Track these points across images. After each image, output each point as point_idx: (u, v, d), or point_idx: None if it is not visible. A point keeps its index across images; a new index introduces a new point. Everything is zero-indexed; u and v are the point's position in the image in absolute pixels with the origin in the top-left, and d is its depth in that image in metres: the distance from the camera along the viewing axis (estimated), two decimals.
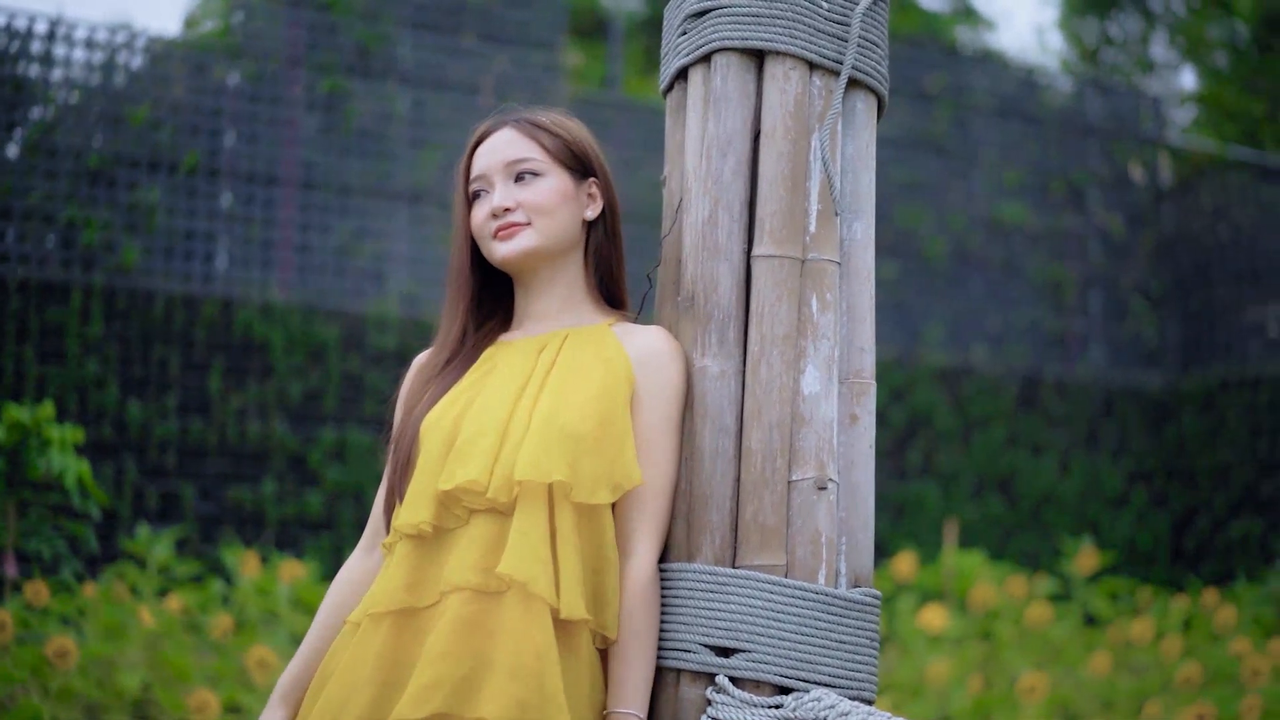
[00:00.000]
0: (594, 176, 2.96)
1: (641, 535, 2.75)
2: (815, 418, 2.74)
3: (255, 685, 6.78)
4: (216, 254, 10.25)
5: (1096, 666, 8.35)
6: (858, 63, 2.86)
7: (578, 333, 2.89)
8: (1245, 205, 13.47)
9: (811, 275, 2.79)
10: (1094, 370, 13.14)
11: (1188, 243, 13.72)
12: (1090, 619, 10.45)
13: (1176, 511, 12.84)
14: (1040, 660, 8.77)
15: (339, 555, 9.74)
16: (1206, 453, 12.71)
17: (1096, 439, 12.91)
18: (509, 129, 2.93)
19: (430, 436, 2.79)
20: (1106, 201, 13.52)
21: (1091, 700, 8.10)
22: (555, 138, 2.92)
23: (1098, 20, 19.39)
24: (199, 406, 9.77)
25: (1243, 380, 12.62)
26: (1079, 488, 12.59)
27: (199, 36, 10.90)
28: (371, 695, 2.66)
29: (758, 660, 2.66)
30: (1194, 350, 13.51)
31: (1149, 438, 13.08)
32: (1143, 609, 10.48)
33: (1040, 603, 9.35)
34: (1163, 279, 13.62)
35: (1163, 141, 14.12)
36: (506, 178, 2.90)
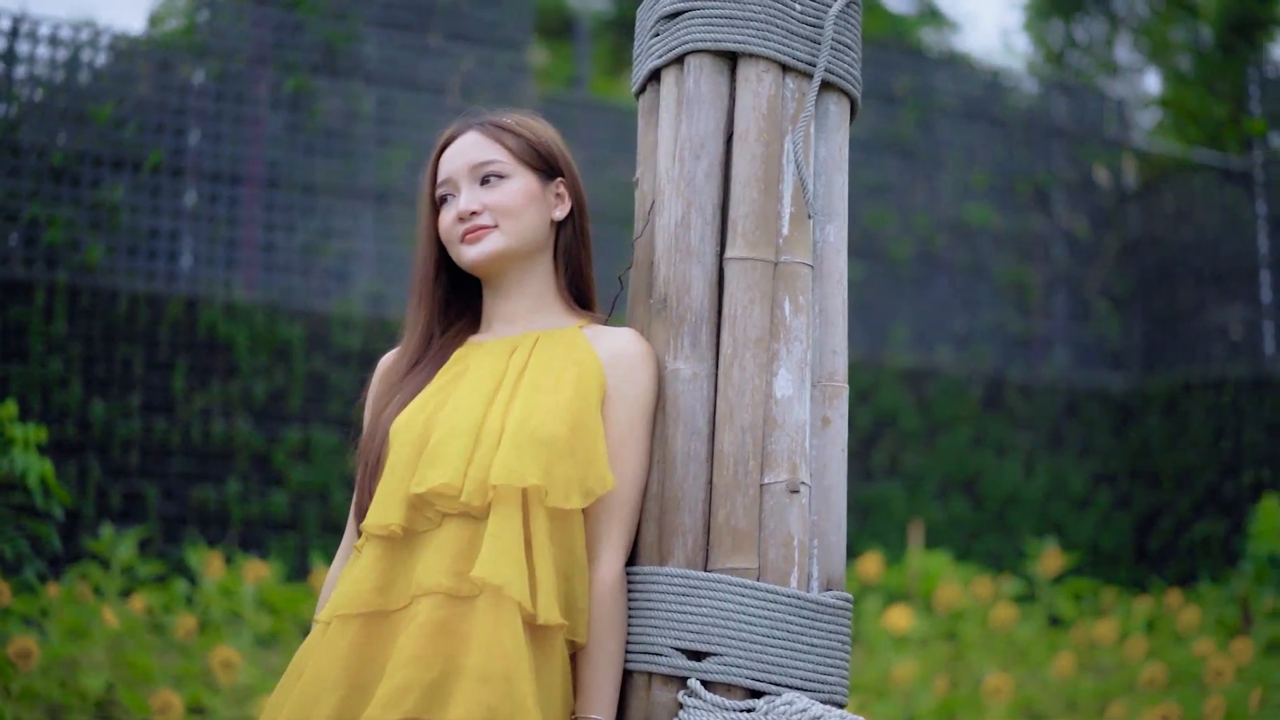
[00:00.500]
0: (561, 176, 2.95)
1: (609, 539, 2.75)
2: (788, 421, 2.74)
3: (219, 686, 6.76)
4: (181, 253, 10.20)
5: (1061, 667, 8.38)
6: (831, 65, 2.86)
7: (549, 335, 2.88)
8: (1209, 208, 13.53)
9: (784, 278, 2.79)
10: (1058, 372, 13.18)
11: (1152, 245, 13.77)
12: (1054, 620, 10.49)
13: (1140, 513, 12.89)
14: (1005, 661, 8.80)
15: (304, 555, 9.71)
16: (1170, 454, 12.76)
17: (1061, 440, 12.96)
18: (474, 132, 2.93)
19: (400, 439, 2.77)
20: (1071, 204, 13.57)
21: (1056, 701, 8.12)
22: (520, 139, 2.91)
23: (1062, 23, 19.45)
24: (163, 406, 9.72)
25: (1206, 382, 12.67)
26: (1043, 489, 12.63)
27: (164, 34, 10.84)
28: (340, 697, 2.64)
29: (729, 664, 2.66)
30: (1158, 352, 13.57)
31: (1113, 439, 13.13)
32: (1107, 610, 10.53)
33: (1005, 604, 9.38)
34: (1127, 281, 13.68)
35: (1127, 144, 14.17)
36: (472, 181, 2.89)
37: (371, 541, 2.75)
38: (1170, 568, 12.38)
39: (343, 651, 2.68)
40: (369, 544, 2.76)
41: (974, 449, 12.52)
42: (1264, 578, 10.04)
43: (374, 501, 2.76)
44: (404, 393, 2.89)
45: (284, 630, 8.03)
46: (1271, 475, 11.85)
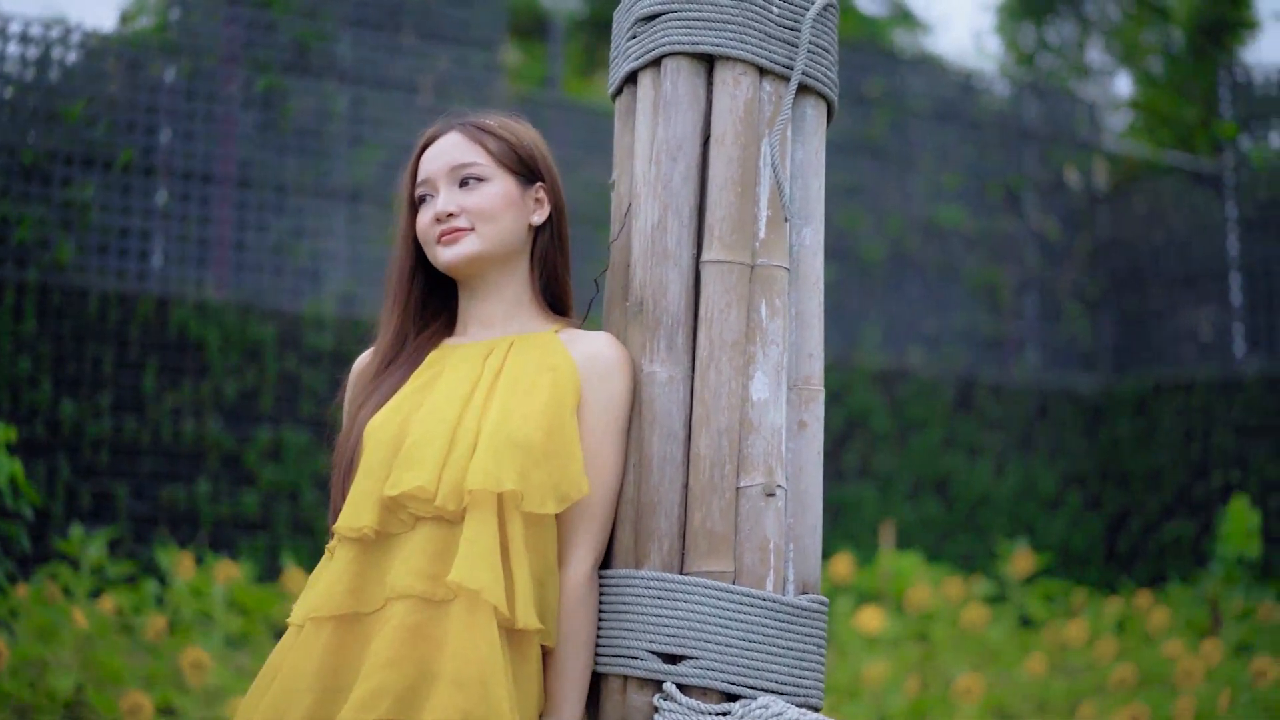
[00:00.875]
0: (541, 181, 2.94)
1: (580, 543, 2.75)
2: (764, 424, 2.74)
3: (189, 687, 6.73)
4: (152, 252, 10.16)
5: (1032, 668, 8.41)
6: (808, 68, 2.85)
7: (524, 339, 2.87)
8: (1179, 210, 13.59)
9: (761, 281, 2.79)
10: (1029, 373, 13.22)
11: (1122, 247, 13.83)
12: (1025, 621, 10.52)
13: (1110, 514, 12.94)
14: (976, 662, 8.82)
15: (274, 556, 9.68)
16: (1140, 455, 12.81)
17: (1031, 441, 12.99)
18: (455, 133, 2.92)
19: (375, 440, 2.76)
20: (1042, 205, 13.62)
21: (1027, 702, 8.15)
22: (501, 142, 2.90)
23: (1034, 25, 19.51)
24: (133, 405, 9.68)
25: (1176, 384, 12.72)
26: (1014, 490, 12.66)
27: (135, 32, 10.79)
28: (314, 700, 2.64)
29: (705, 667, 2.65)
30: (1128, 354, 13.62)
31: (1083, 440, 13.17)
32: (1077, 611, 10.56)
33: (976, 604, 9.41)
34: (1098, 283, 13.73)
35: (1098, 146, 14.23)
36: (451, 182, 2.88)
37: (344, 544, 2.74)
38: (1140, 569, 12.43)
39: (316, 654, 2.67)
40: (341, 546, 2.74)
41: (945, 450, 12.55)
42: (1233, 579, 10.08)
43: (347, 503, 2.74)
44: (379, 394, 2.87)
45: (254, 631, 8.01)
46: (1241, 477, 11.91)
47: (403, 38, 11.15)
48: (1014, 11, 19.49)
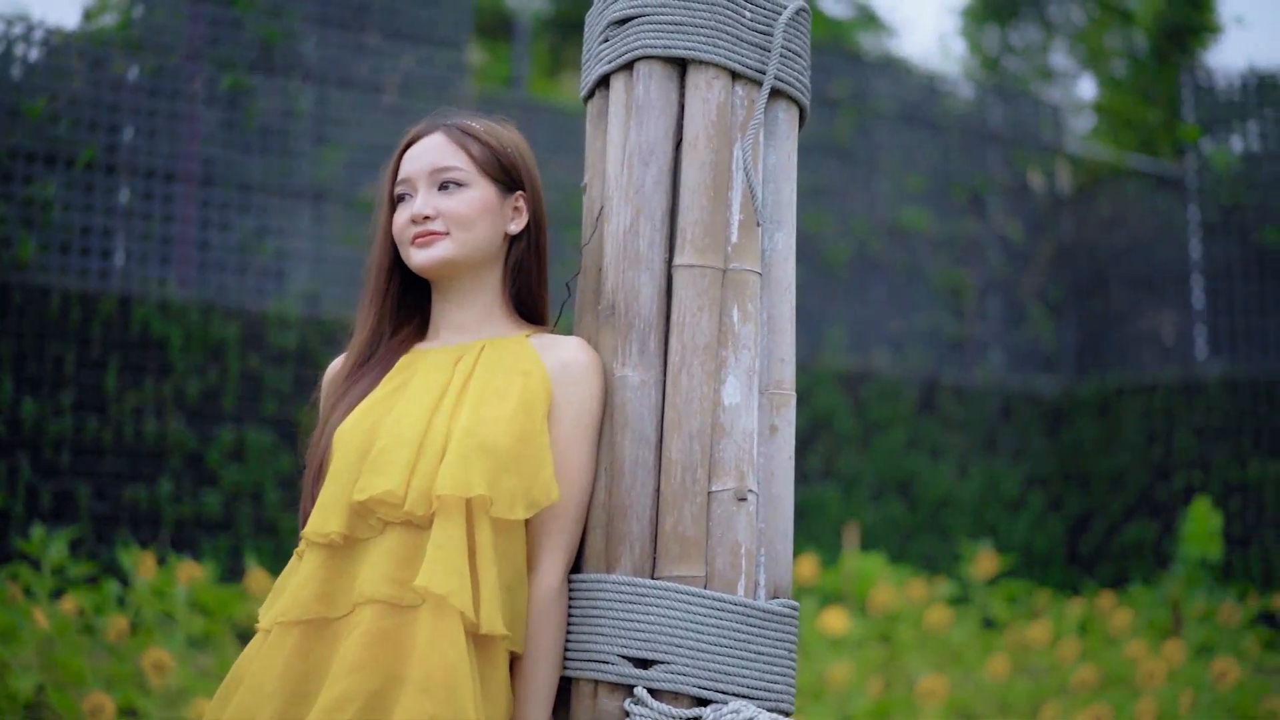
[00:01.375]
0: (521, 190, 2.93)
1: (551, 549, 2.74)
2: (735, 428, 2.73)
3: (151, 688, 6.70)
4: (114, 250, 10.09)
5: (995, 669, 8.43)
6: (780, 73, 2.85)
7: (495, 344, 2.86)
8: (1142, 213, 13.66)
9: (733, 285, 2.78)
10: (992, 375, 13.27)
11: (1085, 250, 13.89)
12: (988, 622, 10.54)
13: (1072, 515, 12.99)
14: (939, 663, 8.84)
15: (237, 556, 9.64)
16: (1102, 457, 12.87)
17: (994, 443, 13.04)
18: (440, 134, 2.90)
19: (344, 445, 2.75)
20: (1006, 208, 13.67)
21: (989, 703, 8.17)
22: (485, 148, 2.88)
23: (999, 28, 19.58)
24: (95, 404, 9.62)
25: (1138, 386, 12.78)
26: (977, 491, 12.70)
27: (98, 29, 10.72)
28: (280, 705, 2.63)
29: (676, 672, 2.65)
30: (1090, 356, 13.69)
31: (1046, 442, 13.23)
32: (1040, 612, 10.60)
33: (940, 606, 9.43)
34: (1061, 285, 13.78)
35: (1062, 149, 14.28)
36: (430, 185, 2.86)
37: (312, 549, 2.73)
38: (1102, 570, 12.49)
39: (283, 659, 2.66)
40: (309, 551, 2.73)
41: (909, 451, 12.59)
42: (1195, 581, 10.13)
43: (315, 508, 2.73)
44: (349, 399, 2.86)
45: (217, 632, 7.97)
46: (1202, 479, 11.97)
47: (368, 37, 11.11)
48: (978, 15, 19.55)
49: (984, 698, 8.22)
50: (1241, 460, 11.86)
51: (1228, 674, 7.78)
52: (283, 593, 2.76)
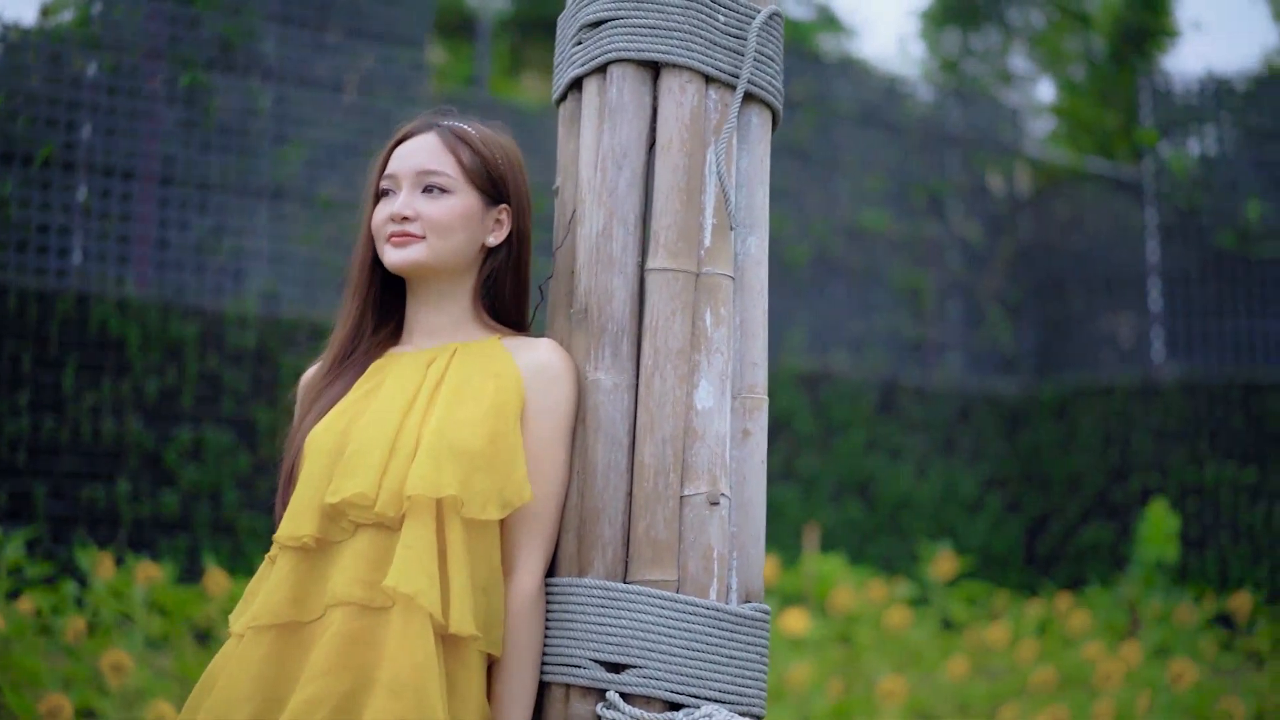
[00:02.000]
0: (506, 203, 2.91)
1: (528, 552, 2.74)
2: (708, 432, 2.73)
3: (109, 689, 6.65)
4: (72, 249, 10.02)
5: (954, 670, 8.46)
6: (753, 77, 2.85)
7: (467, 347, 2.85)
8: (1100, 216, 13.73)
9: (706, 289, 2.78)
10: (951, 376, 13.31)
11: (1044, 252, 13.95)
12: (947, 623, 10.58)
13: (1030, 517, 13.05)
14: (899, 664, 8.86)
15: (194, 556, 9.59)
16: (1060, 459, 12.93)
17: (953, 445, 13.08)
18: (434, 135, 2.88)
19: (315, 449, 2.75)
20: (965, 210, 13.72)
21: (948, 704, 8.20)
22: (476, 156, 2.86)
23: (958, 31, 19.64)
24: (52, 404, 9.56)
25: (1095, 389, 12.85)
26: (936, 493, 12.74)
27: (56, 26, 10.64)
28: (253, 710, 2.62)
29: (649, 676, 2.65)
30: (1048, 358, 13.75)
31: (1004, 444, 13.28)
32: (999, 613, 10.64)
33: (899, 607, 9.45)
34: (1019, 287, 13.84)
35: (1020, 152, 14.34)
36: (415, 185, 2.85)
37: (285, 552, 2.72)
38: (1059, 571, 12.55)
39: (256, 663, 2.66)
40: (282, 555, 2.73)
41: (868, 452, 12.62)
42: (1151, 582, 10.20)
43: (287, 512, 2.73)
44: (322, 403, 2.85)
45: (175, 632, 7.93)
46: (1159, 481, 12.04)
47: (328, 35, 11.07)
48: (937, 17, 19.60)
49: (943, 698, 8.25)
50: (1198, 462, 11.94)
51: (1184, 675, 7.82)
52: (255, 597, 2.75)
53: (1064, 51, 19.35)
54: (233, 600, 8.40)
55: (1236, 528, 11.58)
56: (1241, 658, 9.79)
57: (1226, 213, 12.54)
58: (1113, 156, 16.17)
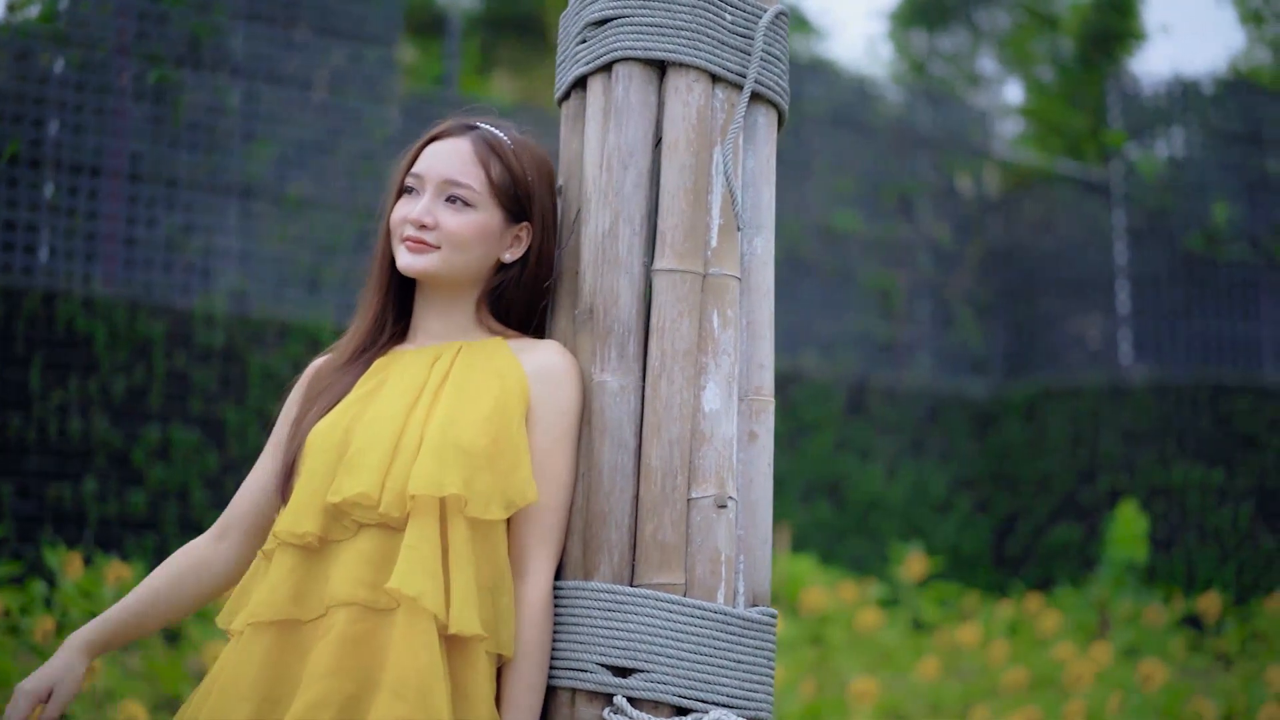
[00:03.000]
0: (529, 220, 2.87)
1: (537, 554, 2.71)
2: (715, 435, 2.71)
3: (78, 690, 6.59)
4: (39, 245, 9.94)
5: (925, 671, 8.47)
6: (760, 76, 2.83)
7: (471, 346, 2.83)
8: (1069, 218, 13.78)
9: (713, 290, 2.76)
10: (921, 377, 13.33)
11: (1013, 254, 13.99)
12: (918, 624, 10.60)
13: (999, 517, 13.08)
14: (870, 665, 8.87)
15: (162, 555, 9.51)
16: (1029, 460, 12.96)
17: (923, 445, 13.10)
18: (467, 141, 2.83)
19: (318, 446, 2.72)
20: (935, 211, 13.74)
21: (920, 704, 8.21)
22: (506, 171, 2.82)
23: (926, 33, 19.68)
24: (18, 402, 9.48)
25: (1064, 390, 12.89)
26: (905, 493, 12.76)
27: (23, 21, 10.55)
28: (252, 708, 2.61)
29: (656, 680, 2.62)
30: (1018, 359, 13.79)
31: (973, 445, 13.31)
32: (969, 614, 10.66)
33: (870, 608, 9.46)
34: (989, 289, 13.87)
35: (989, 154, 14.38)
36: (439, 193, 2.81)
37: (283, 549, 2.69)
38: (1027, 571, 12.58)
39: (255, 661, 2.64)
40: (281, 551, 2.70)
41: (838, 453, 12.62)
42: (1121, 583, 10.23)
43: (288, 508, 2.70)
44: (325, 399, 2.83)
45: None
46: (1127, 482, 12.08)
47: (297, 32, 11.01)
48: (906, 19, 19.65)
49: (915, 699, 8.26)
50: (1166, 464, 11.99)
51: (1154, 676, 7.85)
52: (249, 593, 2.73)
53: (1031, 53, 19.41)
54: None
55: (1203, 529, 11.63)
56: (1210, 658, 9.83)
57: (1194, 215, 12.60)
58: (1081, 158, 16.24)
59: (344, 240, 10.70)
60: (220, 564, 2.89)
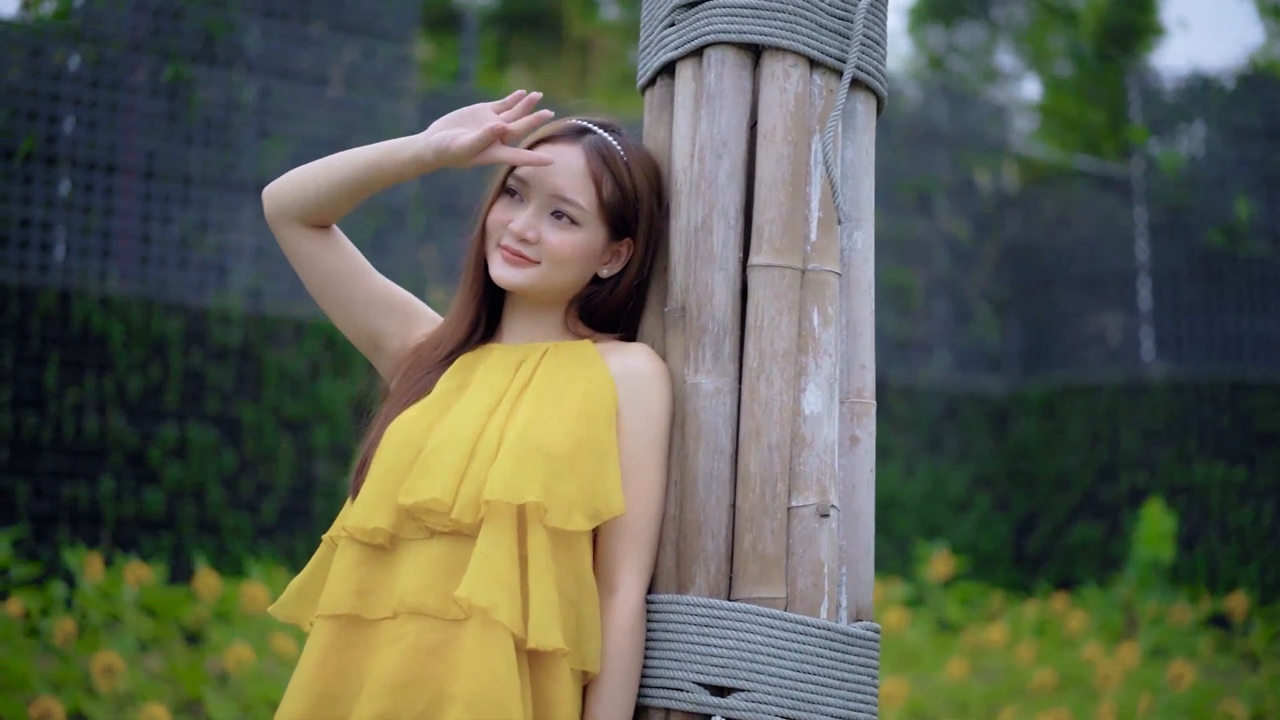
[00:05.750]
0: (630, 236, 2.74)
1: (627, 567, 2.59)
2: (817, 439, 2.58)
3: (99, 692, 6.55)
4: (54, 244, 9.88)
5: (952, 672, 8.40)
6: (861, 61, 2.70)
7: (559, 348, 2.71)
8: (1088, 214, 13.69)
9: (812, 287, 2.63)
10: (938, 375, 13.24)
11: (1031, 250, 13.91)
12: (943, 624, 10.52)
13: (1018, 516, 12.99)
14: (897, 665, 8.80)
15: (179, 556, 9.46)
16: (1047, 458, 12.88)
17: (940, 443, 13.01)
18: (580, 153, 2.69)
19: (395, 441, 2.61)
20: (952, 207, 13.64)
21: (947, 706, 8.14)
22: (617, 189, 2.69)
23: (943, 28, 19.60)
24: (34, 401, 9.40)
25: (1084, 387, 12.80)
26: (923, 492, 12.67)
27: (38, 18, 10.48)
28: (310, 703, 2.53)
29: (758, 700, 2.49)
30: (1036, 356, 13.70)
31: (991, 442, 13.22)
32: (995, 614, 10.58)
33: (896, 607, 9.39)
34: (1007, 285, 13.79)
35: (1007, 149, 14.29)
36: (544, 206, 2.69)
37: (352, 543, 2.60)
38: (1048, 571, 12.50)
39: (317, 655, 2.56)
40: (348, 545, 2.61)
41: None
42: (1147, 583, 10.15)
43: (358, 501, 2.60)
44: (408, 393, 2.72)
45: (166, 634, 7.80)
46: (1148, 480, 11.99)
47: (312, 28, 10.94)
48: (923, 14, 19.56)
49: (942, 700, 8.19)
50: (1187, 462, 11.89)
51: (1183, 677, 7.79)
52: (314, 586, 2.67)
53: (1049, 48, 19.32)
54: (224, 602, 8.28)
55: (1226, 527, 11.54)
56: (1237, 658, 9.75)
57: (1215, 211, 12.51)
58: (1099, 154, 16.15)
59: (359, 237, 10.61)
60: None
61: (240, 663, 7.05)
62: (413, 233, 11.01)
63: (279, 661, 7.28)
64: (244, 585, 8.18)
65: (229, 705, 6.70)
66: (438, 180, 11.17)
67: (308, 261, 2.82)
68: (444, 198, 11.19)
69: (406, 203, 10.98)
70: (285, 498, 9.92)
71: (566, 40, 21.23)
